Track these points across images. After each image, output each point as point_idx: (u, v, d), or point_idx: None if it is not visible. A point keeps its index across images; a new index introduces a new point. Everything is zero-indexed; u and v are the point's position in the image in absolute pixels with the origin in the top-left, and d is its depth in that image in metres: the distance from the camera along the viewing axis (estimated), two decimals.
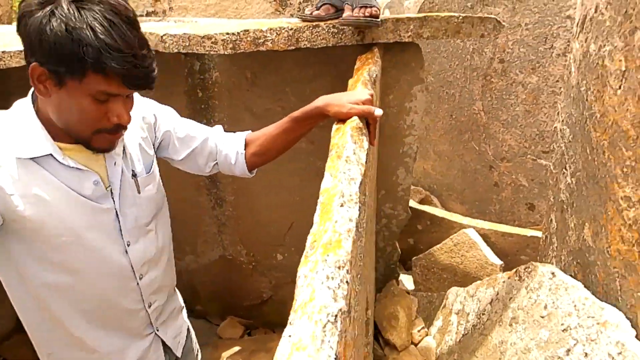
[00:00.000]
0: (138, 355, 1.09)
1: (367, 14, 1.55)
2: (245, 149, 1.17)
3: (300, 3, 2.39)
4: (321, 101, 1.02)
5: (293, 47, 1.58)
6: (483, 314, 1.62)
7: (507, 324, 1.40)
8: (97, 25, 0.74)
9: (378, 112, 0.91)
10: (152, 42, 1.61)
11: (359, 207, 0.66)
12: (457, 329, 1.80)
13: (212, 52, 1.53)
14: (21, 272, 0.93)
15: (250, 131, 1.21)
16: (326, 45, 1.63)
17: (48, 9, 0.74)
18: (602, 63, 1.28)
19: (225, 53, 1.56)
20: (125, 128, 0.90)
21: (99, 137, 0.87)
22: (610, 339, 0.97)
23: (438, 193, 3.57)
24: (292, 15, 2.45)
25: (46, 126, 0.87)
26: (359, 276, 0.85)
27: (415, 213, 2.80)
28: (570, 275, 1.34)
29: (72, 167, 0.89)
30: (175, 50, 1.58)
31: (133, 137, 1.05)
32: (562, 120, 1.66)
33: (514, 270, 1.51)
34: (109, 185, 0.97)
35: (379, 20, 1.58)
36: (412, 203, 2.90)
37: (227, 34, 1.48)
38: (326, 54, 1.95)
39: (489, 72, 2.85)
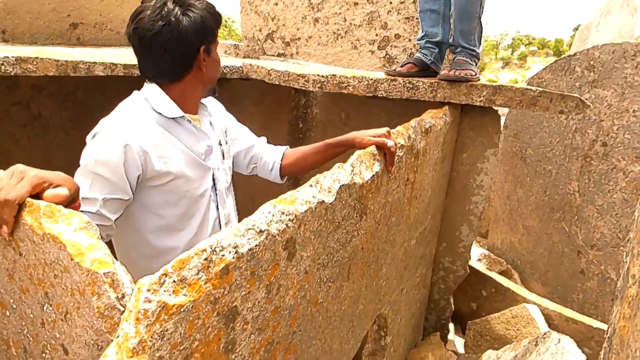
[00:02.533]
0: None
1: (462, 74, 1.84)
2: (281, 161, 1.44)
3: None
4: (351, 134, 1.27)
5: (371, 94, 1.85)
6: None
7: None
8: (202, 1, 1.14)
9: (390, 142, 1.12)
10: (261, 74, 2.05)
11: (335, 198, 0.87)
12: None
13: (303, 88, 1.89)
14: (138, 217, 1.13)
15: (288, 147, 1.49)
16: (400, 97, 1.87)
17: (178, 12, 1.07)
18: None
19: (314, 90, 1.90)
20: None
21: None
22: None
23: (521, 269, 3.41)
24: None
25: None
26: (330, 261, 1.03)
27: (481, 278, 2.77)
28: None
29: (193, 132, 1.17)
30: (277, 83, 1.97)
31: (217, 117, 1.36)
32: None
33: (535, 337, 1.51)
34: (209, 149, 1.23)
35: (476, 76, 1.88)
36: (481, 267, 2.86)
37: (318, 75, 1.82)
38: (411, 107, 2.18)
39: (590, 153, 2.75)
